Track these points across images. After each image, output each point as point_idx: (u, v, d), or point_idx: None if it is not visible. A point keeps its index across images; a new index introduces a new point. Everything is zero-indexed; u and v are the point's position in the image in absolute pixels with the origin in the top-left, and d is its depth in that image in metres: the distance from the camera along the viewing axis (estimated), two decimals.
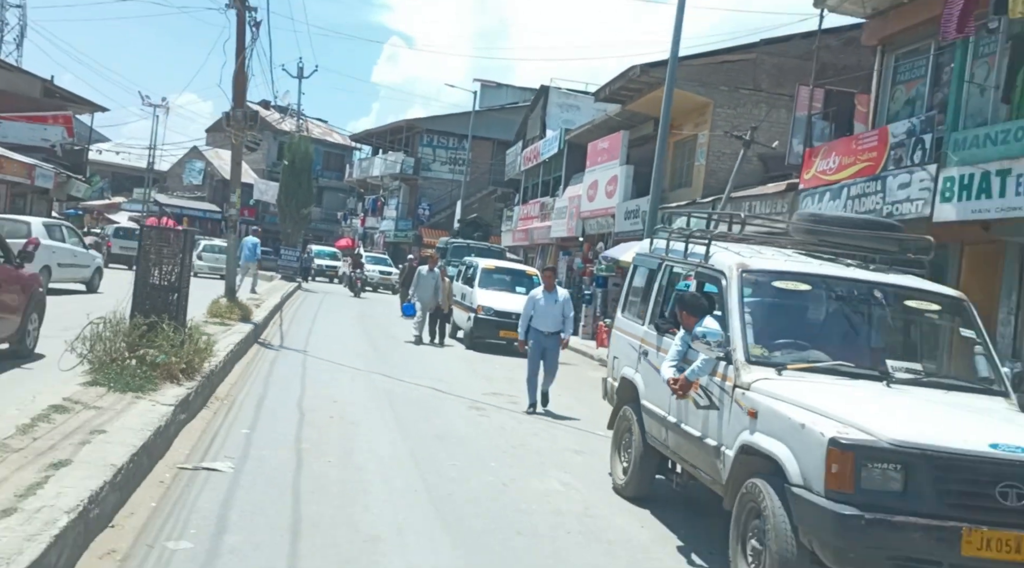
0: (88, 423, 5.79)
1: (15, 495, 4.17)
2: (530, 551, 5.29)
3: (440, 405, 10.14)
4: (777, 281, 5.61)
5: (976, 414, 4.71)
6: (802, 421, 4.45)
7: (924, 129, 10.74)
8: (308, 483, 6.07)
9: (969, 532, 4.01)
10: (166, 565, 4.28)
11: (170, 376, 7.50)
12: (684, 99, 19.49)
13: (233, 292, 14.25)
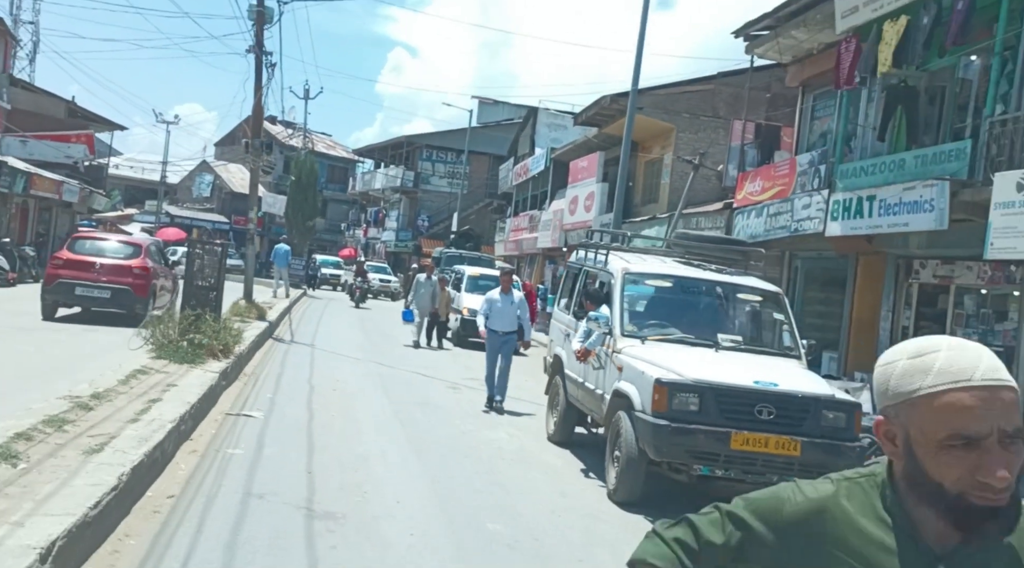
0: (163, 381, 8.27)
1: (134, 414, 6.63)
2: (472, 467, 7.72)
3: (423, 384, 12.57)
4: (648, 280, 8.07)
5: (762, 366, 7.14)
6: (643, 370, 6.90)
7: (820, 161, 13.18)
8: (317, 426, 8.52)
9: (735, 434, 6.45)
10: (228, 460, 6.72)
11: (212, 354, 9.98)
12: (650, 125, 22.03)
13: (251, 295, 16.74)
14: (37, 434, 5.48)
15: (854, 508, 1.36)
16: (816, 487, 1.41)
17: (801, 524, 1.37)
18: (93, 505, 4.32)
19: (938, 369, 1.26)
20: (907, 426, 1.29)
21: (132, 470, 5.09)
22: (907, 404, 1.29)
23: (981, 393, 1.23)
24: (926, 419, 1.26)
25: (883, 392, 1.34)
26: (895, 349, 1.36)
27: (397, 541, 5.31)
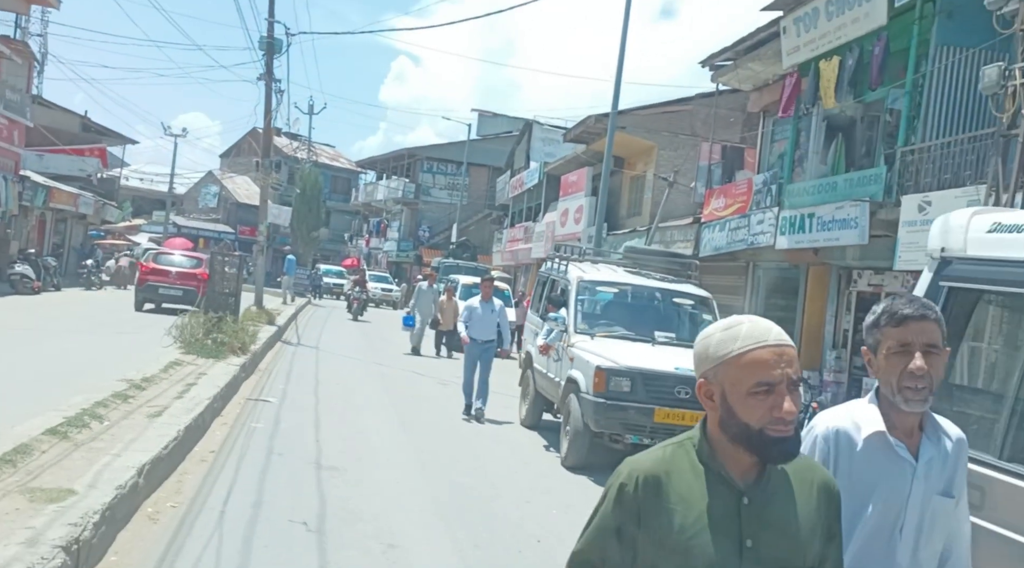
0: (195, 371, 10.01)
1: (177, 393, 8.36)
2: (451, 441, 9.42)
3: (417, 381, 14.29)
4: (600, 286, 9.80)
5: (686, 356, 8.80)
6: (589, 359, 8.61)
7: (772, 181, 14.91)
8: (323, 409, 10.25)
9: (658, 410, 8.15)
10: (252, 431, 8.43)
11: (232, 351, 11.72)
12: (634, 142, 23.80)
13: (261, 302, 18.50)
14: (111, 403, 7.22)
15: (676, 466, 1.71)
16: (650, 457, 1.75)
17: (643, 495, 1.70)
18: (163, 447, 6.06)
19: (743, 335, 1.65)
20: (723, 383, 1.67)
21: (185, 429, 6.82)
22: (723, 365, 1.67)
23: (774, 350, 1.63)
24: (737, 374, 1.64)
25: (704, 359, 1.71)
26: (710, 327, 1.75)
27: (385, 486, 7.02)
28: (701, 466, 1.70)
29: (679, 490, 1.68)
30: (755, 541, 1.65)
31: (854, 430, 2.17)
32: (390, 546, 5.43)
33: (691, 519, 1.66)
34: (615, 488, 1.73)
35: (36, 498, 4.49)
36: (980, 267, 2.61)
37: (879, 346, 2.18)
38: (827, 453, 2.17)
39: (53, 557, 3.72)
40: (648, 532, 1.68)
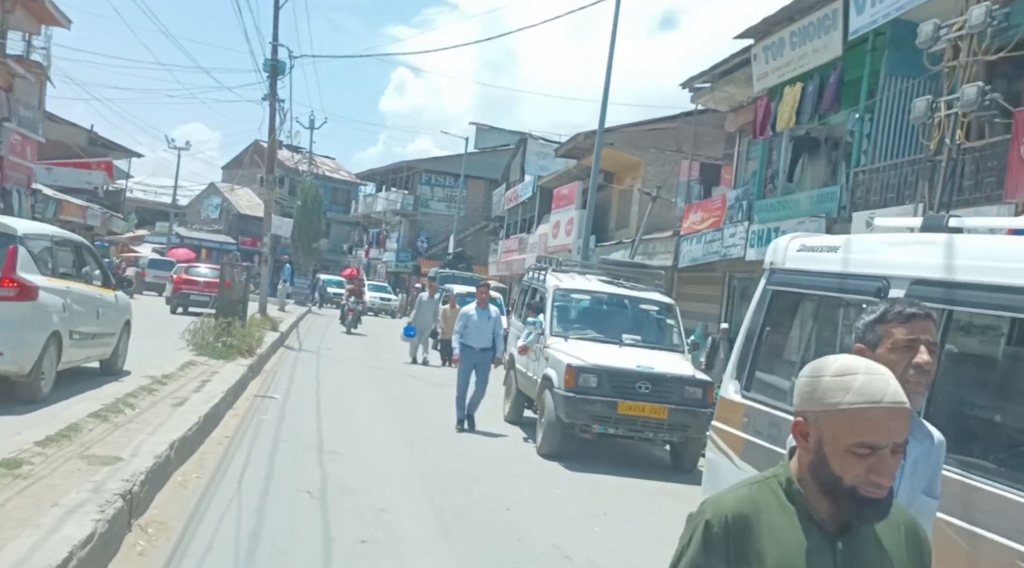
0: (208, 370, 11.08)
1: (194, 389, 9.43)
2: (440, 434, 10.46)
3: (412, 383, 15.34)
4: (574, 294, 10.89)
5: (648, 356, 9.89)
6: (561, 358, 9.67)
7: (743, 197, 16.01)
8: (324, 404, 11.30)
9: (621, 403, 9.21)
10: (261, 422, 9.48)
11: (240, 353, 12.78)
12: (621, 158, 24.94)
13: (265, 309, 19.58)
14: (139, 394, 8.30)
15: (764, 505, 1.64)
16: (733, 496, 1.67)
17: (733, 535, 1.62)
18: (188, 429, 7.12)
19: (856, 389, 1.55)
20: (822, 430, 1.58)
21: (204, 417, 7.89)
22: (826, 414, 1.57)
23: (887, 413, 1.53)
24: (841, 428, 1.55)
25: (807, 399, 1.61)
26: (818, 365, 1.63)
27: (378, 467, 8.08)
28: (791, 506, 1.64)
29: (770, 530, 1.62)
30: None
31: None
32: (381, 511, 6.48)
33: (786, 562, 1.60)
34: (700, 528, 1.65)
35: (92, 462, 5.55)
36: (792, 276, 3.67)
37: (880, 342, 2.29)
38: None
39: (114, 501, 4.77)
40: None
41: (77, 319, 9.10)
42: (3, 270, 7.88)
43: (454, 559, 5.62)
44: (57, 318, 8.55)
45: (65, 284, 8.98)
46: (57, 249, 9.29)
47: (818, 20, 13.18)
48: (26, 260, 8.20)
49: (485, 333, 10.80)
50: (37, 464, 5.38)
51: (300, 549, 5.31)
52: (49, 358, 8.36)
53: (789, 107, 14.23)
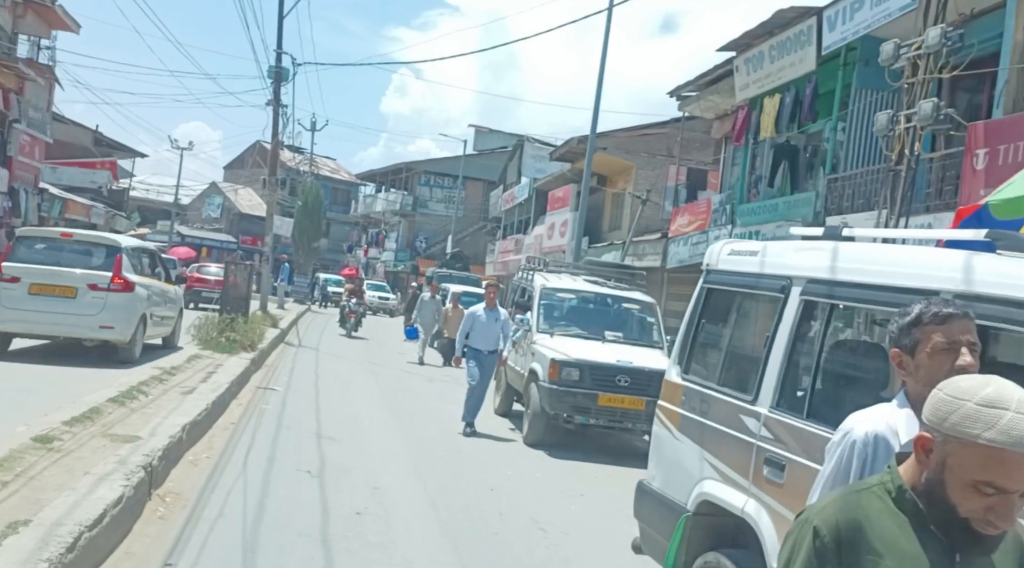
0: (213, 363, 11.70)
1: (201, 379, 10.05)
2: (432, 423, 11.09)
3: (407, 378, 15.97)
4: (559, 292, 11.52)
5: (629, 352, 10.49)
6: (546, 353, 10.30)
7: (727, 201, 16.65)
8: (322, 396, 11.94)
9: (601, 395, 9.84)
10: (264, 411, 10.10)
11: (243, 347, 13.41)
12: (614, 162, 25.57)
13: (266, 306, 20.20)
14: (151, 383, 8.93)
15: (873, 512, 1.58)
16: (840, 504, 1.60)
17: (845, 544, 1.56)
18: (198, 414, 7.75)
19: (1002, 427, 1.41)
20: (948, 454, 1.48)
21: (211, 403, 8.52)
22: (959, 442, 1.45)
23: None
24: (972, 461, 1.44)
25: (941, 418, 1.49)
26: (966, 386, 1.49)
27: (372, 451, 8.71)
28: (903, 515, 1.58)
29: (883, 538, 1.56)
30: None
31: (891, 435, 2.15)
32: (374, 489, 7.11)
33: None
34: (808, 537, 1.59)
35: (115, 440, 6.18)
36: (722, 276, 4.30)
37: (918, 345, 2.17)
38: (865, 459, 2.16)
39: (137, 472, 5.40)
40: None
41: (154, 305, 12.29)
42: (114, 272, 11.18)
43: (439, 529, 6.25)
44: (144, 304, 11.78)
45: (148, 280, 12.27)
46: (140, 254, 12.52)
47: (794, 35, 13.81)
48: (126, 264, 11.46)
49: (493, 335, 10.73)
50: (66, 440, 6.01)
51: (301, 518, 5.94)
52: (139, 332, 11.73)
53: (769, 116, 14.85)
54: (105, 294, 10.91)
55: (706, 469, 3.98)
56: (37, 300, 10.76)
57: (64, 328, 11.06)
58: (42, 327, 11.10)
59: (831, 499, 1.65)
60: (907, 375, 2.23)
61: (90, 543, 4.21)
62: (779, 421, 3.55)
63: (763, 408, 3.66)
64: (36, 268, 10.93)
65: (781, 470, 3.47)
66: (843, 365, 3.42)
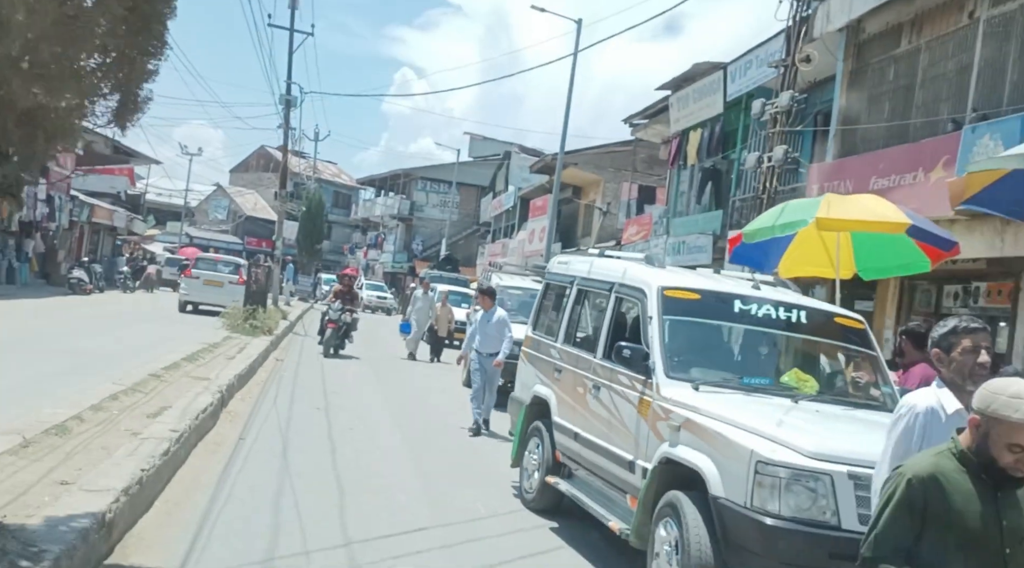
0: (241, 342, 15.28)
1: (238, 351, 13.63)
2: (408, 386, 14.64)
3: (397, 362, 19.51)
4: (509, 288, 15.07)
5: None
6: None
7: (664, 215, 20.18)
8: (326, 369, 15.49)
9: None
10: (282, 377, 13.65)
11: (263, 332, 16.97)
12: (585, 176, 29.14)
13: (276, 302, 23.78)
14: (201, 354, 12.51)
15: (947, 468, 2.57)
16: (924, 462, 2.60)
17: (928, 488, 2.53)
18: (241, 372, 11.32)
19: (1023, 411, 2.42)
20: (990, 428, 2.49)
21: (248, 366, 12.08)
22: (997, 419, 2.47)
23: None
24: (1006, 432, 2.45)
25: (986, 406, 2.50)
26: (998, 386, 2.52)
27: (363, 399, 12.23)
28: (963, 468, 2.55)
29: (951, 484, 2.53)
30: (1008, 520, 2.51)
31: (939, 407, 3.22)
32: (360, 418, 10.66)
33: (966, 504, 2.50)
34: (903, 484, 2.55)
35: (197, 379, 9.74)
36: (552, 276, 7.84)
37: (952, 347, 3.27)
38: (924, 425, 3.20)
39: (216, 395, 8.94)
40: (934, 515, 2.51)
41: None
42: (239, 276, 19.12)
43: (400, 434, 9.81)
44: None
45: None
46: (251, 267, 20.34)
47: (708, 83, 17.33)
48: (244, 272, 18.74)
49: (491, 337, 10.94)
50: (166, 378, 9.58)
51: (314, 430, 9.49)
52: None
53: (693, 146, 18.38)
54: (235, 286, 19.89)
55: (535, 380, 7.53)
56: (205, 288, 22.53)
57: (215, 300, 21.58)
58: (207, 300, 22.60)
59: (917, 459, 2.67)
60: (943, 366, 3.34)
61: (202, 421, 7.77)
62: (563, 349, 7.10)
63: (558, 343, 7.21)
64: (205, 273, 22.91)
65: (560, 373, 7.02)
66: (589, 320, 6.99)
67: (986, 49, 10.30)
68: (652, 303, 5.88)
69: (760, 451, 4.53)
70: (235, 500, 6.18)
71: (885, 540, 2.57)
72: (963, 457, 2.57)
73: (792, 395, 5.54)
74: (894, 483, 2.60)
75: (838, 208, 8.14)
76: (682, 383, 5.45)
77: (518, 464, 7.58)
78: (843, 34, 12.96)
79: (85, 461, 5.51)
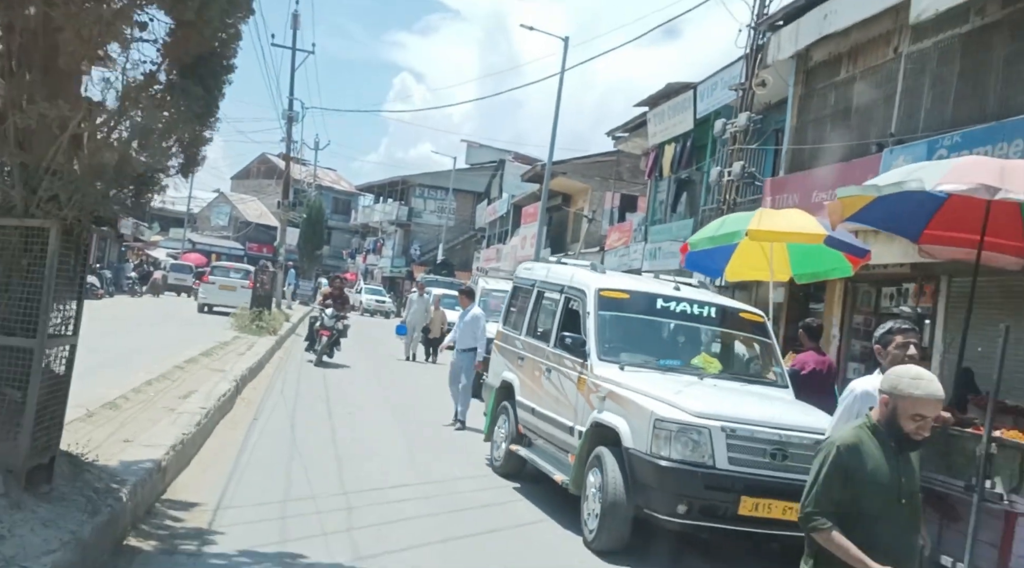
0: (249, 341, 16.76)
1: (246, 349, 15.10)
2: (398, 376, 16.09)
3: (389, 359, 20.98)
4: (494, 291, 16.53)
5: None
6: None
7: (643, 223, 21.64)
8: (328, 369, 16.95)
9: None
10: (287, 371, 15.10)
11: (268, 332, 18.44)
12: (573, 184, 30.61)
13: (280, 305, 25.26)
14: (215, 350, 13.99)
15: (863, 438, 3.19)
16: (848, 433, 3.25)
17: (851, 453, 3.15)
18: (252, 366, 12.79)
19: (923, 388, 3.08)
20: (896, 403, 3.12)
21: (258, 361, 13.54)
22: (902, 396, 3.10)
23: (936, 402, 3.10)
24: (910, 405, 3.09)
25: (891, 387, 3.13)
26: (900, 371, 3.20)
27: (357, 387, 13.68)
28: (875, 439, 3.19)
29: (867, 449, 3.18)
30: (904, 477, 3.20)
31: (873, 390, 3.94)
32: (358, 406, 12.11)
33: (876, 465, 3.15)
34: (833, 450, 3.19)
35: (214, 371, 11.21)
36: (519, 279, 9.28)
37: (888, 343, 4.35)
38: (860, 403, 4.22)
39: (232, 383, 10.40)
40: (855, 480, 3.13)
41: None
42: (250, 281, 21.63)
43: (392, 419, 11.26)
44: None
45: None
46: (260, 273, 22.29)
47: (680, 101, 18.80)
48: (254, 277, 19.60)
49: (464, 334, 11.62)
50: (188, 370, 11.05)
51: (317, 414, 10.94)
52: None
53: (667, 160, 19.83)
54: (245, 290, 21.47)
55: (504, 367, 8.99)
56: (220, 292, 25.74)
57: (229, 303, 23.92)
58: (222, 301, 25.54)
59: (843, 431, 3.36)
60: (881, 358, 4.42)
61: (223, 403, 9.23)
62: (525, 340, 8.56)
63: (521, 335, 8.67)
64: (220, 279, 26.68)
65: (522, 360, 8.48)
66: (544, 315, 8.46)
67: (906, 81, 11.76)
68: (590, 301, 7.35)
69: (658, 412, 6.01)
70: (254, 462, 7.64)
71: (823, 497, 3.14)
72: (875, 429, 3.23)
73: (699, 373, 7.01)
74: (827, 450, 3.25)
75: (768, 221, 9.62)
76: (611, 364, 6.91)
77: (489, 438, 9.03)
78: (793, 62, 14.44)
79: (137, 427, 6.96)
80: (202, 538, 5.33)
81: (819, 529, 3.12)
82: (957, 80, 11.01)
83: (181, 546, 5.13)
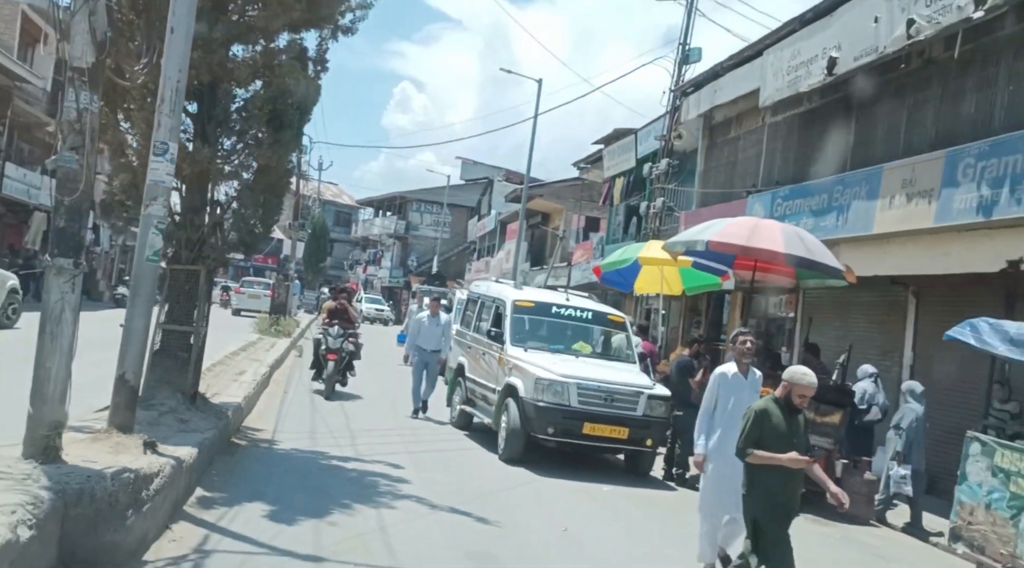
0: (270, 342, 20.90)
1: (270, 347, 19.23)
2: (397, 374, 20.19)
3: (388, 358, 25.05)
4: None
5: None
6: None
7: (600, 243, 25.75)
8: None
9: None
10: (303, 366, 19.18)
11: (284, 335, 22.59)
12: (550, 205, 34.77)
13: (290, 313, 29.41)
14: (247, 347, 18.10)
15: (771, 406, 5.61)
16: (763, 403, 5.68)
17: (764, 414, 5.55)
18: (277, 359, 16.90)
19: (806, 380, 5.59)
20: (791, 386, 5.59)
21: (280, 355, 17.65)
22: (794, 383, 5.58)
23: (811, 387, 5.64)
24: (798, 389, 5.57)
25: (789, 377, 5.65)
26: (794, 369, 5.86)
27: (367, 381, 17.76)
28: (777, 406, 5.53)
29: (773, 413, 5.48)
30: (792, 431, 5.49)
31: (727, 372, 6.86)
32: (362, 392, 16.18)
33: (777, 423, 5.45)
34: (753, 413, 5.50)
35: (252, 361, 15.31)
36: (471, 293, 13.34)
37: (735, 341, 7.03)
38: (718, 381, 6.88)
39: (267, 368, 14.50)
40: (766, 428, 5.42)
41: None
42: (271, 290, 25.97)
43: (388, 403, 15.33)
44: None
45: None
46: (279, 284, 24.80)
47: (626, 143, 22.93)
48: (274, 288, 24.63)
49: (435, 336, 13.71)
50: (233, 360, 15.15)
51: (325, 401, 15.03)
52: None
53: (618, 190, 23.96)
54: (266, 298, 24.96)
55: (460, 354, 13.09)
56: (249, 299, 34.37)
57: (254, 307, 30.99)
58: (250, 307, 32.67)
59: (760, 402, 5.76)
60: (732, 351, 7.17)
61: (262, 382, 13.33)
62: (472, 335, 12.69)
63: (470, 332, 12.79)
64: (249, 289, 35.92)
65: (470, 349, 12.60)
66: (480, 317, 12.60)
67: (770, 143, 15.92)
68: (508, 307, 11.47)
69: (539, 374, 10.15)
70: (291, 415, 11.76)
71: (749, 437, 5.44)
72: (777, 400, 5.56)
73: (575, 354, 11.13)
74: (751, 411, 5.56)
75: (653, 250, 13.80)
76: (519, 348, 11.03)
77: (449, 404, 13.14)
78: (701, 120, 18.61)
79: (219, 387, 11.07)
80: (270, 442, 9.47)
81: (749, 453, 5.41)
82: (796, 146, 15.19)
83: (259, 445, 9.27)
